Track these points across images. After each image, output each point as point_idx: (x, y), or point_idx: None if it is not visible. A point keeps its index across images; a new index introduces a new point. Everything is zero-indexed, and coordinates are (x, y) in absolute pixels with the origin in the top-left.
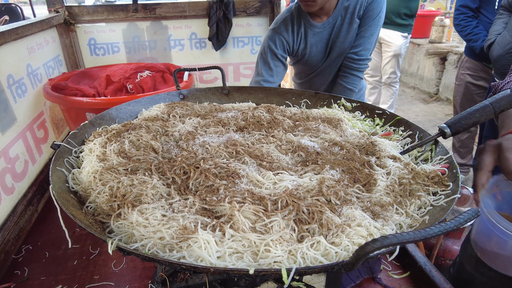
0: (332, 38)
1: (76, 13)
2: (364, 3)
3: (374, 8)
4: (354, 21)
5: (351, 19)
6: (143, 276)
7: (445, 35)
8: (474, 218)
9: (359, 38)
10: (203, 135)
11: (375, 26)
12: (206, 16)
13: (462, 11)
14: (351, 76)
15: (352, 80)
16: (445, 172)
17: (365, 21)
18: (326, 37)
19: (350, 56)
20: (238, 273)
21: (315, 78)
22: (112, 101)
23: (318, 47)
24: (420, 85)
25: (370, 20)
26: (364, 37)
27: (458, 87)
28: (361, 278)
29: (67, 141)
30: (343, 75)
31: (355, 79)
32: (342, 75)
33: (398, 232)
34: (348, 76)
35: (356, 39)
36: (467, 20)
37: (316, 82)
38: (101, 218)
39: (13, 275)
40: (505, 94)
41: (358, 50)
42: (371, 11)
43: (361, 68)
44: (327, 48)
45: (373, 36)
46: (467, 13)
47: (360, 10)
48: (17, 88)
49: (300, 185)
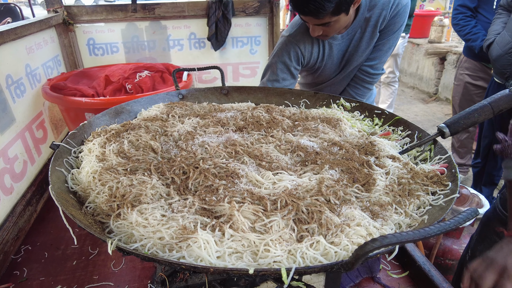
0: (349, 51)
1: (75, 13)
2: (387, 16)
3: (397, 22)
4: (375, 35)
5: (373, 32)
6: (143, 276)
7: (444, 35)
8: (473, 217)
9: (376, 51)
10: (202, 135)
11: (394, 39)
12: (205, 16)
13: (460, 10)
14: (363, 88)
15: (363, 92)
16: (444, 171)
17: (385, 34)
18: (343, 50)
19: (365, 69)
20: (237, 273)
21: (324, 89)
22: (111, 101)
23: (334, 59)
24: (419, 85)
25: (390, 33)
26: (381, 51)
27: (457, 87)
28: (361, 277)
29: (66, 141)
30: (354, 86)
31: (365, 91)
32: (353, 85)
33: (397, 231)
34: (359, 88)
35: (373, 51)
36: (466, 19)
37: (326, 91)
38: (100, 218)
39: (12, 275)
40: (503, 94)
41: (375, 64)
42: (393, 25)
43: (374, 81)
44: (342, 61)
45: (391, 49)
46: (466, 12)
47: (383, 24)
48: (16, 88)
49: (299, 185)
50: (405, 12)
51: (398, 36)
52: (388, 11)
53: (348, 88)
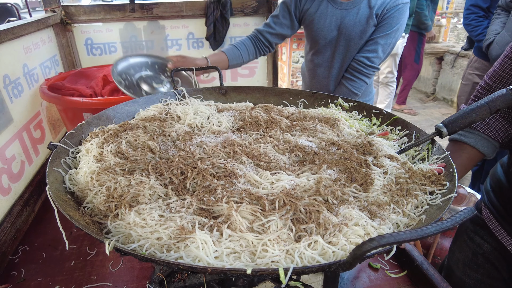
0: (344, 22)
1: (72, 13)
2: (387, 4)
3: (395, 17)
4: (371, 17)
5: (370, 13)
6: (141, 277)
7: (442, 35)
8: (470, 216)
9: (374, 43)
10: (200, 135)
11: (392, 37)
12: (203, 16)
13: (472, 10)
14: (358, 80)
15: (359, 84)
16: (441, 171)
17: (383, 28)
18: (339, 17)
19: (361, 59)
20: (235, 273)
21: (320, 68)
22: (109, 101)
23: (327, 21)
24: (417, 84)
25: (389, 28)
26: (379, 44)
27: (465, 87)
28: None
29: (64, 141)
30: (350, 78)
31: (361, 84)
32: (349, 77)
33: (395, 231)
34: (355, 80)
35: (371, 43)
36: (478, 20)
37: (320, 74)
38: (98, 219)
39: (9, 276)
40: (500, 93)
41: (371, 56)
42: (390, 18)
43: (369, 74)
44: (337, 30)
45: (389, 46)
46: (478, 12)
47: (380, 9)
48: (13, 88)
49: (297, 185)
50: (403, 10)
51: (396, 35)
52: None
53: (344, 80)
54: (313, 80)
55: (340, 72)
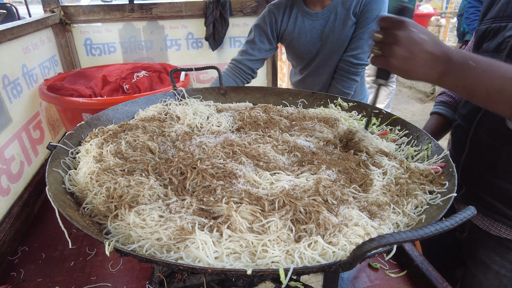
0: (325, 32)
1: (71, 13)
2: (362, 0)
3: (373, 9)
4: (349, 18)
5: (347, 15)
6: (141, 277)
7: (441, 35)
8: (471, 216)
9: (357, 40)
10: (200, 136)
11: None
12: (202, 16)
13: (473, 4)
14: (348, 80)
15: (350, 84)
16: (439, 170)
17: (364, 23)
18: (318, 28)
19: (348, 59)
20: (235, 274)
21: (309, 77)
22: (109, 101)
23: (308, 36)
24: (417, 84)
25: (369, 21)
26: (362, 39)
27: None
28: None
29: (63, 142)
30: (340, 79)
31: (352, 83)
32: (339, 78)
33: (395, 231)
34: (345, 80)
35: (354, 40)
36: (477, 14)
37: (309, 82)
38: (98, 219)
39: (9, 276)
40: None
41: (357, 53)
42: (369, 12)
43: (358, 72)
44: (319, 41)
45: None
46: (478, 6)
47: (357, 7)
48: (12, 88)
49: (297, 185)
50: (380, 1)
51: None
52: None
53: (335, 82)
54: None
55: (329, 77)
